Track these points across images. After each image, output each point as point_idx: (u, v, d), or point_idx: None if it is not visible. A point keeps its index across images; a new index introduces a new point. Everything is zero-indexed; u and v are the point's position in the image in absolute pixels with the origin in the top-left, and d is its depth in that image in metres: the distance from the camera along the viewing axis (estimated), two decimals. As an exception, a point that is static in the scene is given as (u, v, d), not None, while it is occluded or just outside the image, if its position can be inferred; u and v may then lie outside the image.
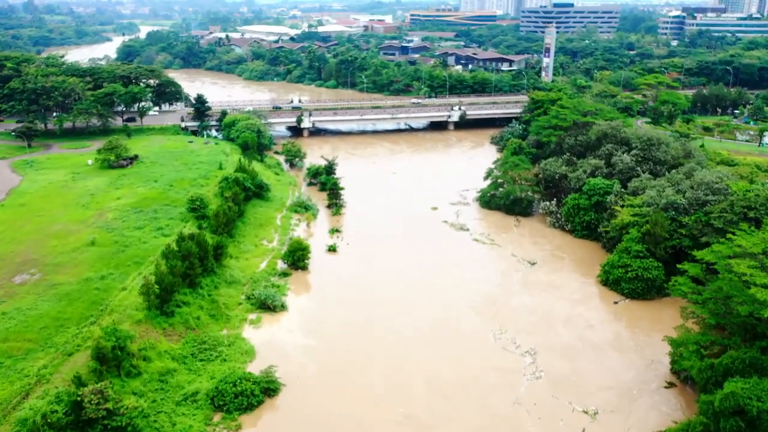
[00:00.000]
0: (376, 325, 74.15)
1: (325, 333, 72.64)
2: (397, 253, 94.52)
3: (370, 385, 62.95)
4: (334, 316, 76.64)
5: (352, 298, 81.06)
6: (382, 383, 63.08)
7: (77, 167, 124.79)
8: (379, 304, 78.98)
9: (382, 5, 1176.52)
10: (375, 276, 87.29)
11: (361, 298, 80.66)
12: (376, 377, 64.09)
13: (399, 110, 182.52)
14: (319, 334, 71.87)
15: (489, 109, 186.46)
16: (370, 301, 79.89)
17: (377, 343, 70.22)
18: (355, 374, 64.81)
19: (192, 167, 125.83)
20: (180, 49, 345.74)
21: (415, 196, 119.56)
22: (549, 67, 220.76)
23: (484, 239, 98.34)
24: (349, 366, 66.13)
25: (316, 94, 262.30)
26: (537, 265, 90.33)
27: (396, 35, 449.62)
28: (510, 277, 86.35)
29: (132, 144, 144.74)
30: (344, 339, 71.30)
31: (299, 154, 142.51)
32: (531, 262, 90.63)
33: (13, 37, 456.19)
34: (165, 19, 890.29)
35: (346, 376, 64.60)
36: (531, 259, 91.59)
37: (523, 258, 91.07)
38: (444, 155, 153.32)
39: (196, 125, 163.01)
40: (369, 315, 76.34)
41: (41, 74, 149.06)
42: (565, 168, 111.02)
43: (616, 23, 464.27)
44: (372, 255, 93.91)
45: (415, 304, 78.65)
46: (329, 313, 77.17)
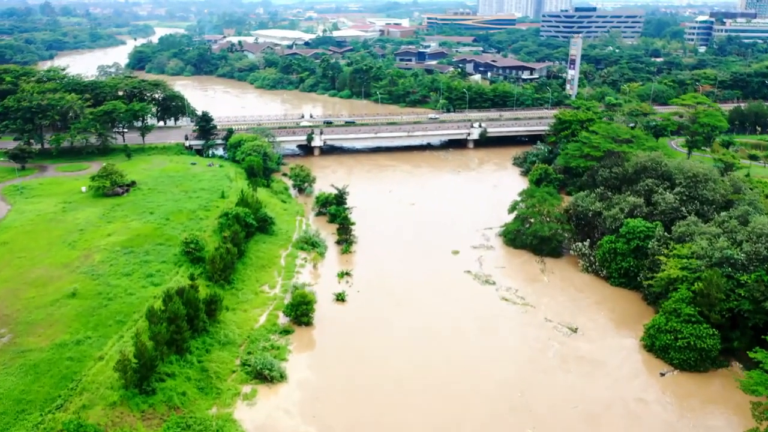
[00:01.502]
0: (384, 413, 63.59)
1: (327, 417, 62.76)
2: (413, 310, 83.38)
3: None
4: (339, 392, 66.76)
5: (359, 369, 70.75)
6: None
7: (70, 195, 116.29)
8: (387, 382, 68.16)
9: (399, 6, 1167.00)
10: (386, 341, 76.37)
11: (369, 372, 70.14)
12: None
13: (415, 127, 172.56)
14: (321, 420, 61.99)
15: (511, 126, 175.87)
16: (377, 377, 69.13)
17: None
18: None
19: (192, 195, 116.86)
20: (192, 55, 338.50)
21: (434, 233, 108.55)
22: (574, 79, 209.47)
23: (514, 298, 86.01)
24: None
25: (330, 105, 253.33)
26: (574, 330, 78.86)
27: (413, 40, 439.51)
28: (544, 349, 74.38)
29: (131, 166, 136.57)
30: (348, 427, 61.34)
31: (308, 179, 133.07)
32: (571, 329, 78.59)
33: (27, 41, 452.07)
34: (181, 21, 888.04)
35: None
36: (569, 323, 79.56)
37: (560, 323, 79.18)
38: (465, 180, 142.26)
39: (201, 144, 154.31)
40: (375, 398, 65.91)
41: (37, 91, 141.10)
42: (599, 204, 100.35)
43: (640, 28, 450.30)
44: (384, 310, 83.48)
45: (429, 388, 67.16)
46: (333, 389, 67.26)
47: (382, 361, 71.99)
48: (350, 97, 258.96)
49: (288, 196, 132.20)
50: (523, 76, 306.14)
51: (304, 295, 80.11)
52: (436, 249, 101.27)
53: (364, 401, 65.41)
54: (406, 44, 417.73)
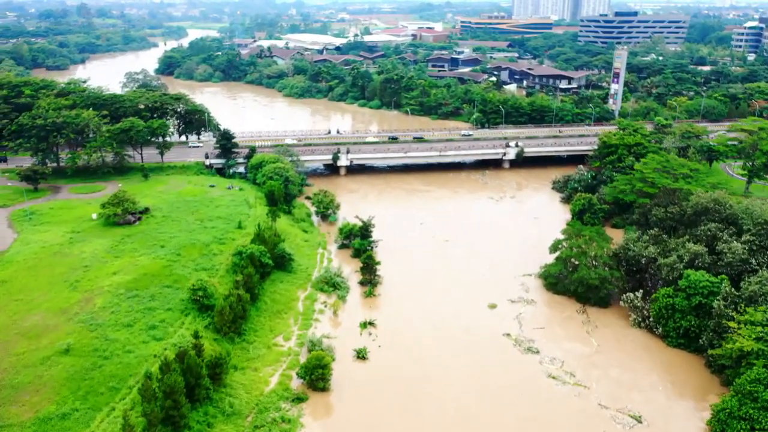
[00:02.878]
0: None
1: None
2: (443, 384, 72.34)
3: None
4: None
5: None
6: None
7: (79, 222, 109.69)
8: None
9: (432, 7, 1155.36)
10: (410, 418, 66.85)
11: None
12: None
13: (448, 146, 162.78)
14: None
15: (550, 146, 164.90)
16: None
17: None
18: None
19: (208, 225, 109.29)
20: (220, 61, 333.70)
21: (468, 279, 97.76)
22: (618, 94, 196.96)
23: (562, 375, 73.20)
24: None
25: (359, 116, 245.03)
26: (638, 420, 66.88)
27: (445, 45, 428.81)
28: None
29: (147, 188, 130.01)
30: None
31: (331, 205, 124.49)
32: (634, 417, 66.85)
33: (61, 44, 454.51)
34: (214, 22, 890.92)
35: None
36: (628, 410, 67.84)
37: (619, 410, 67.50)
38: (503, 210, 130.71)
39: (222, 163, 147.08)
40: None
41: (53, 108, 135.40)
42: (653, 249, 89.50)
43: (683, 33, 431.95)
44: (409, 379, 73.41)
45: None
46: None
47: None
48: (380, 107, 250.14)
49: (310, 224, 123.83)
50: (560, 85, 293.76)
51: (320, 357, 71.28)
52: (470, 300, 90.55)
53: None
54: (439, 49, 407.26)
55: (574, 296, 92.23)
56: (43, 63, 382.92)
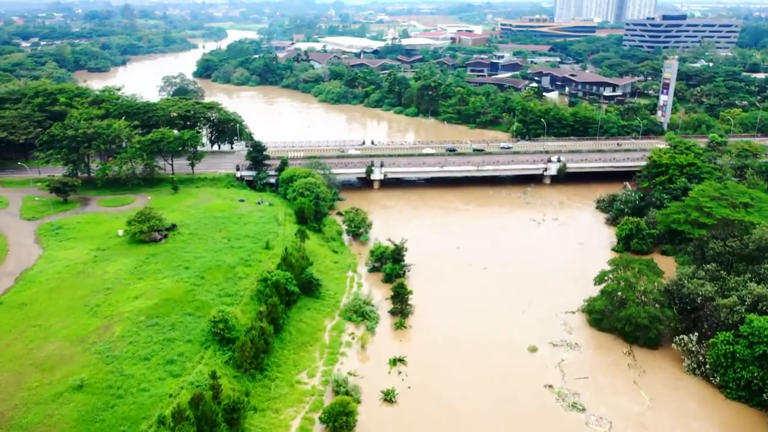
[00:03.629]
0: None
1: None
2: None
3: None
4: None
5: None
6: None
7: (105, 239, 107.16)
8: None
9: (472, 8, 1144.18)
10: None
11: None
12: None
13: (486, 160, 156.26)
14: None
15: (593, 161, 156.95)
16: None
17: None
18: None
19: (234, 244, 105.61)
20: (257, 65, 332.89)
21: (507, 314, 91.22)
22: (667, 105, 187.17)
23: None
24: None
25: (395, 123, 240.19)
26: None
27: (485, 48, 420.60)
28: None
29: (176, 201, 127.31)
30: None
31: (363, 224, 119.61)
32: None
33: (103, 46, 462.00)
34: (254, 23, 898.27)
35: None
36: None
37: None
38: (546, 234, 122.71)
39: (253, 175, 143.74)
40: None
41: (85, 118, 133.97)
42: (710, 288, 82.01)
43: (734, 38, 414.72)
44: (439, 428, 68.17)
45: None
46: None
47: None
48: (416, 115, 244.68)
49: (340, 243, 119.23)
50: (604, 93, 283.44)
51: (345, 403, 66.29)
52: (509, 340, 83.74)
53: None
54: (478, 53, 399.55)
55: (620, 334, 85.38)
56: (85, 65, 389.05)
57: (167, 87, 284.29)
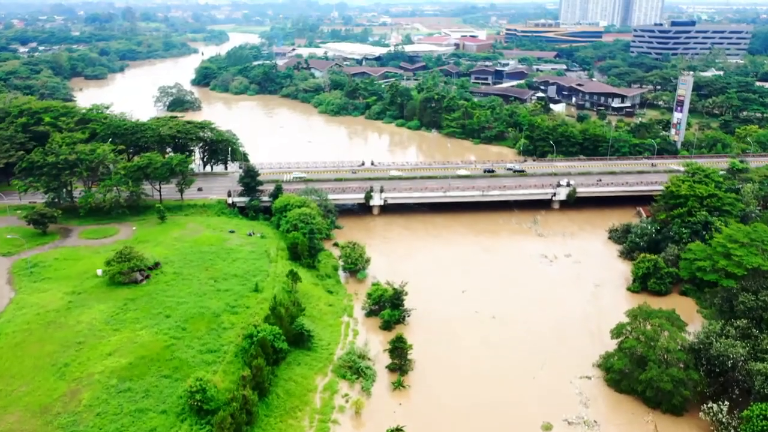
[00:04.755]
0: None
1: None
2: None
3: None
4: None
5: None
6: None
7: (83, 279, 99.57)
8: None
9: (476, 9, 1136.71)
10: None
11: None
12: None
13: (492, 184, 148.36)
14: None
15: (605, 185, 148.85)
16: None
17: None
18: None
19: (221, 286, 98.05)
20: (256, 73, 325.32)
21: (517, 379, 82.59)
22: (681, 123, 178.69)
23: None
24: None
25: (397, 137, 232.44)
26: None
27: (489, 55, 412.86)
28: None
29: (162, 232, 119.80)
30: None
31: (360, 260, 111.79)
32: None
33: (102, 52, 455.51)
34: (257, 26, 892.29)
35: None
36: None
37: None
38: (557, 274, 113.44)
39: (245, 201, 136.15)
40: None
41: (67, 142, 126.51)
42: (742, 348, 74.05)
43: (745, 44, 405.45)
44: None
45: None
46: None
47: None
48: (419, 128, 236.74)
49: (336, 281, 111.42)
50: (613, 104, 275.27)
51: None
52: (520, 413, 75.20)
53: None
54: (482, 60, 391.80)
55: (641, 397, 77.53)
56: (82, 72, 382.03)
57: (163, 97, 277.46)
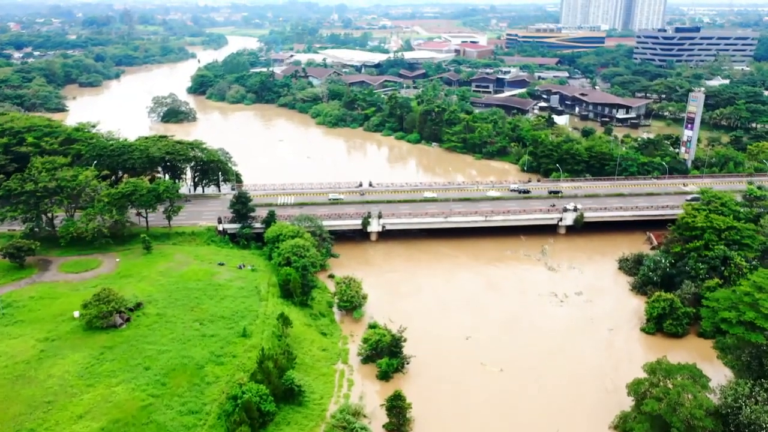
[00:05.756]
0: None
1: None
2: None
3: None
4: None
5: None
6: None
7: (59, 322, 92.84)
8: None
9: (476, 12, 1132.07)
10: None
11: None
12: None
13: (496, 208, 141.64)
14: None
15: (613, 210, 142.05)
16: None
17: None
18: None
19: (207, 330, 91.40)
20: (254, 82, 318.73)
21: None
22: (692, 141, 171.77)
23: None
24: None
25: (396, 150, 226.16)
26: None
27: (490, 62, 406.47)
28: None
29: (148, 265, 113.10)
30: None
31: (357, 298, 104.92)
32: None
33: (98, 57, 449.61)
34: (256, 28, 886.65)
35: None
36: None
37: None
38: (568, 316, 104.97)
39: (236, 228, 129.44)
40: None
41: (47, 168, 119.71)
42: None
43: (751, 51, 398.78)
44: None
45: None
46: None
47: None
48: (419, 141, 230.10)
49: (330, 320, 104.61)
50: (617, 115, 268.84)
51: None
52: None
53: None
54: (483, 67, 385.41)
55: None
56: (76, 79, 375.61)
57: (157, 108, 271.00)
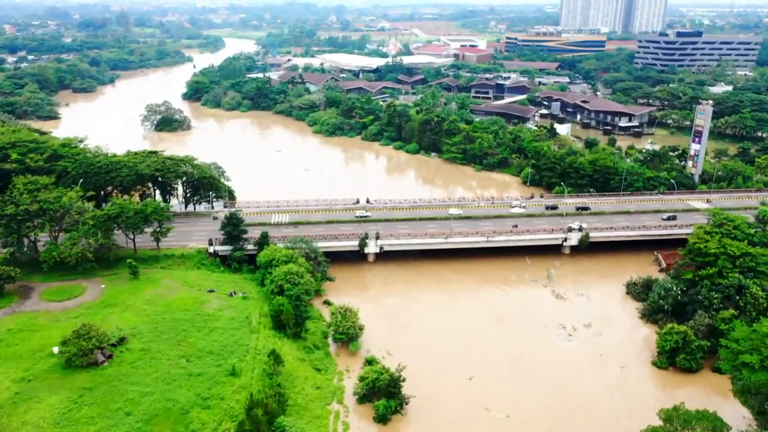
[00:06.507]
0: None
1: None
2: None
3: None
4: None
5: None
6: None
7: (37, 359, 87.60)
8: None
9: (475, 14, 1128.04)
10: None
11: None
12: None
13: (497, 226, 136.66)
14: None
15: (619, 229, 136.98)
16: None
17: None
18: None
19: (194, 368, 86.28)
20: (250, 88, 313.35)
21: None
22: (699, 156, 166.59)
23: None
24: None
25: (394, 161, 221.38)
26: None
27: (490, 66, 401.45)
28: None
29: (134, 292, 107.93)
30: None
31: (353, 329, 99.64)
32: None
33: (92, 62, 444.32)
34: (254, 30, 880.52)
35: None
36: None
37: None
38: (578, 352, 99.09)
39: (227, 251, 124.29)
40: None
41: (30, 189, 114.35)
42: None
43: (754, 56, 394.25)
44: None
45: None
46: None
47: None
48: (417, 151, 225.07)
49: (325, 353, 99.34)
50: (620, 123, 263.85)
51: None
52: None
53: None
54: (483, 72, 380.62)
55: None
56: (70, 85, 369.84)
57: (151, 116, 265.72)
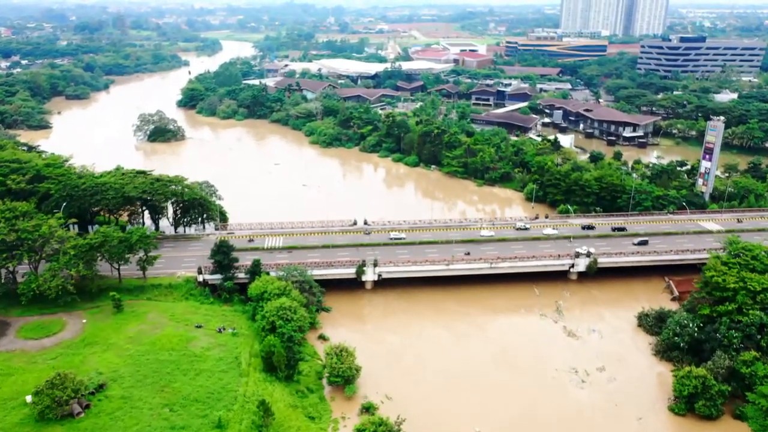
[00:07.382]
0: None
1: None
2: None
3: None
4: None
5: None
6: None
7: (9, 409, 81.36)
8: None
9: (474, 15, 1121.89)
10: None
11: None
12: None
13: (502, 252, 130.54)
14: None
15: (629, 255, 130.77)
16: None
17: None
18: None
19: (177, 419, 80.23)
20: (245, 96, 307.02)
21: None
22: (710, 173, 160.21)
23: None
24: None
25: (393, 173, 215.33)
26: None
27: (490, 72, 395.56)
28: None
29: (117, 328, 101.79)
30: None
31: (349, 371, 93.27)
32: None
33: (87, 66, 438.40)
34: (252, 32, 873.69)
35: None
36: None
37: None
38: (589, 397, 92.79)
39: (218, 280, 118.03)
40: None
41: (7, 216, 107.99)
42: None
43: (758, 61, 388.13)
44: None
45: None
46: None
47: None
48: (417, 164, 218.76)
49: (319, 397, 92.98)
50: (624, 133, 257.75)
51: None
52: None
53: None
54: (483, 78, 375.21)
55: None
56: (63, 91, 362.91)
57: (144, 126, 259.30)
